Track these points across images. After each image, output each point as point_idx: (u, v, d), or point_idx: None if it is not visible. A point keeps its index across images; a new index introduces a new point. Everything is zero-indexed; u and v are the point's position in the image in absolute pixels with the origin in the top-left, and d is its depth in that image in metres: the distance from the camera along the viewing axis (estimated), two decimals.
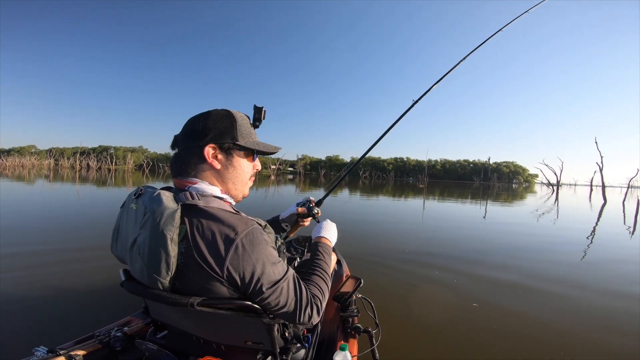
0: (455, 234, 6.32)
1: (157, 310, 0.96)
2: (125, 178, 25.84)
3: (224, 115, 0.90)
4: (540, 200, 19.11)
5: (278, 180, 34.15)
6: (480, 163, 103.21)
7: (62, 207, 7.62)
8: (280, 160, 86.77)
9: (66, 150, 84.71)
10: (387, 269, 3.68)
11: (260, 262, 0.77)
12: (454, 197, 18.12)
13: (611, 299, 3.01)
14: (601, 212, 12.39)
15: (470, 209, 11.67)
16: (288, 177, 51.32)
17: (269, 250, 0.80)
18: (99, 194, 11.70)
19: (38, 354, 0.91)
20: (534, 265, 4.12)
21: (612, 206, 16.04)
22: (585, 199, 22.38)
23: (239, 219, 0.79)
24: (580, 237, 6.40)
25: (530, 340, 2.22)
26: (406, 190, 23.51)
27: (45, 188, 13.28)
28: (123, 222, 0.87)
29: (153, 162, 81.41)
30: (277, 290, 0.79)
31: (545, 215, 10.21)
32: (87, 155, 74.78)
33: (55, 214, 6.48)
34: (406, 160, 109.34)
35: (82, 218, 6.26)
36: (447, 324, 2.40)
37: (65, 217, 6.21)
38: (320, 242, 1.12)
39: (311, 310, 0.85)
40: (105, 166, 67.89)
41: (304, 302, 0.84)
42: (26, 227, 5.10)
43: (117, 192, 12.57)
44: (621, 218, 10.80)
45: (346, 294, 1.29)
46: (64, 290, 2.69)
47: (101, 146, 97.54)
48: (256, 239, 0.78)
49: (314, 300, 0.87)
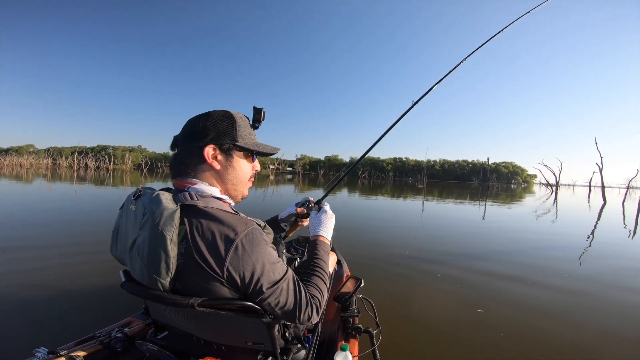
0: (455, 234, 6.33)
1: (157, 311, 0.96)
2: (123, 177, 25.80)
3: (224, 116, 0.90)
4: (539, 200, 19.14)
5: (277, 180, 34.11)
6: (479, 163, 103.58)
7: (61, 207, 7.58)
8: (279, 160, 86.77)
9: (64, 150, 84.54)
10: (387, 269, 3.68)
11: (260, 262, 0.77)
12: (453, 198, 18.15)
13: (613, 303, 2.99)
14: (601, 213, 12.33)
15: (470, 209, 11.69)
16: (287, 177, 51.30)
17: (269, 250, 0.81)
18: (97, 194, 11.68)
19: (39, 355, 0.91)
20: (533, 265, 4.13)
21: (611, 207, 16.08)
22: (584, 200, 22.44)
23: (239, 219, 0.79)
24: (581, 239, 6.40)
25: (530, 340, 2.23)
26: (405, 191, 23.55)
27: (43, 187, 13.25)
28: (122, 224, 0.87)
29: (151, 162, 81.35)
30: (277, 291, 0.79)
31: (545, 216, 10.24)
32: (86, 155, 74.54)
33: (55, 214, 6.46)
34: (405, 161, 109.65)
35: (82, 218, 6.23)
36: (448, 324, 2.41)
37: (65, 217, 6.19)
38: (318, 240, 1.10)
39: (310, 311, 0.86)
40: (104, 165, 67.52)
41: (303, 302, 0.84)
42: (26, 226, 5.09)
43: (115, 192, 12.56)
44: (621, 219, 10.79)
45: (347, 294, 1.29)
46: (64, 291, 2.68)
47: (100, 145, 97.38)
48: (256, 239, 0.78)
49: (312, 301, 0.87)
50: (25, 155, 71.45)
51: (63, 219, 5.96)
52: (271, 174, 57.46)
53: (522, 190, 39.15)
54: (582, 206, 16.44)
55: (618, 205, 17.29)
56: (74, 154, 71.84)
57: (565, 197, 25.62)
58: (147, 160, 78.29)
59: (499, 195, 22.97)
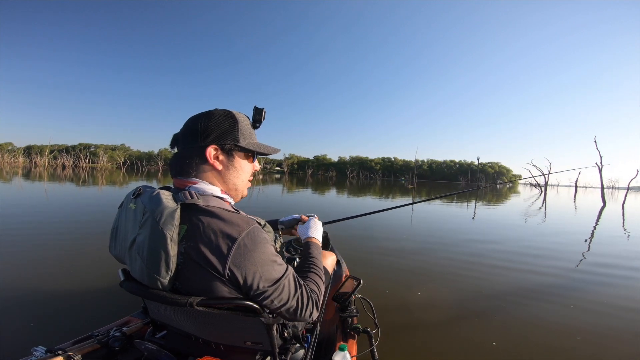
0: (454, 234, 6.36)
1: (156, 310, 0.96)
2: (94, 177, 24.33)
3: (226, 116, 0.91)
4: (530, 200, 19.39)
5: (264, 179, 33.81)
6: (467, 163, 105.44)
7: (55, 206, 7.36)
8: (267, 159, 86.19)
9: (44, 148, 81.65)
10: (386, 269, 3.69)
11: (262, 260, 0.77)
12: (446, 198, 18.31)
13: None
14: (599, 216, 11.89)
15: (465, 209, 11.79)
16: (275, 177, 51.04)
17: (270, 248, 0.81)
18: (95, 193, 11.37)
19: (36, 354, 0.90)
20: (533, 265, 4.18)
21: (605, 208, 16.00)
22: (577, 200, 22.71)
23: (240, 217, 0.80)
24: (580, 240, 6.46)
25: (530, 340, 2.24)
26: (394, 190, 23.73)
27: (39, 186, 12.80)
28: (122, 222, 0.87)
29: (132, 161, 79.67)
30: (279, 288, 0.80)
31: (542, 217, 10.35)
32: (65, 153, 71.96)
33: (54, 214, 6.28)
34: (394, 160, 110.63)
35: (82, 218, 6.07)
36: (447, 324, 2.41)
37: (64, 216, 6.05)
38: (311, 241, 1.15)
39: (312, 306, 0.87)
40: (81, 164, 65.19)
41: (305, 299, 0.85)
42: (26, 226, 4.96)
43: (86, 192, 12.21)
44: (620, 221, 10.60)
45: (345, 294, 1.30)
46: (62, 290, 2.64)
47: (81, 144, 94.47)
48: (257, 238, 0.78)
49: (312, 296, 0.89)
50: (2, 153, 68.41)
51: (63, 219, 5.78)
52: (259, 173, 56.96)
53: (508, 190, 39.97)
54: (580, 207, 16.46)
55: (617, 207, 17.26)
56: (53, 152, 69.46)
57: (554, 197, 25.83)
58: (126, 159, 76.41)
59: (486, 196, 23.33)
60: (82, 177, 21.56)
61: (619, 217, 11.79)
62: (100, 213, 6.65)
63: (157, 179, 24.01)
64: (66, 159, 65.28)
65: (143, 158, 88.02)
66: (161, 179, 24.69)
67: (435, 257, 4.38)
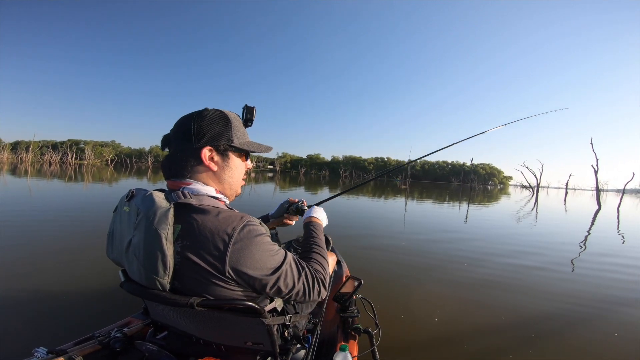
0: (453, 234, 6.43)
1: (156, 311, 0.96)
2: (77, 173, 23.72)
3: (219, 116, 0.90)
4: (522, 202, 19.66)
5: (256, 178, 33.64)
6: (459, 164, 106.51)
7: (54, 206, 7.21)
8: (260, 157, 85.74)
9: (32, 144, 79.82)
10: (387, 269, 3.72)
11: (260, 252, 0.78)
12: (440, 199, 18.42)
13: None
14: (594, 219, 11.87)
15: (461, 210, 11.91)
16: (268, 175, 50.83)
17: (266, 239, 0.82)
18: (96, 192, 11.17)
19: (38, 355, 0.90)
20: (533, 265, 4.24)
21: (597, 210, 16.22)
22: (568, 203, 23.07)
23: (234, 213, 0.80)
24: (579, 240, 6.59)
25: (530, 340, 2.26)
26: (387, 191, 23.83)
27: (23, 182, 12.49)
28: (117, 226, 0.87)
29: (121, 158, 78.53)
30: (282, 275, 0.81)
31: (539, 219, 10.54)
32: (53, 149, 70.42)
33: (53, 213, 6.13)
34: (387, 160, 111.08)
35: (82, 218, 5.96)
36: (447, 324, 2.43)
37: (64, 216, 5.90)
38: (312, 221, 1.16)
39: (319, 285, 0.88)
40: (68, 160, 63.81)
41: (310, 280, 0.86)
42: (25, 225, 4.87)
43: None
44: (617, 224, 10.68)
45: (346, 295, 1.30)
46: (63, 291, 2.62)
47: (70, 140, 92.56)
48: (253, 231, 0.79)
49: (317, 275, 0.90)
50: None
51: (63, 218, 5.67)
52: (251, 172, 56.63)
53: (499, 192, 40.52)
54: (573, 209, 16.77)
55: (611, 209, 17.55)
56: (41, 148, 67.84)
57: (545, 199, 26.19)
58: (115, 155, 75.39)
59: (478, 196, 23.60)
60: (68, 174, 21.11)
61: (631, 223, 11.34)
62: (101, 212, 6.53)
63: (147, 176, 23.62)
64: (53, 155, 63.77)
65: (133, 155, 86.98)
66: (151, 176, 24.30)
67: (435, 258, 4.41)
